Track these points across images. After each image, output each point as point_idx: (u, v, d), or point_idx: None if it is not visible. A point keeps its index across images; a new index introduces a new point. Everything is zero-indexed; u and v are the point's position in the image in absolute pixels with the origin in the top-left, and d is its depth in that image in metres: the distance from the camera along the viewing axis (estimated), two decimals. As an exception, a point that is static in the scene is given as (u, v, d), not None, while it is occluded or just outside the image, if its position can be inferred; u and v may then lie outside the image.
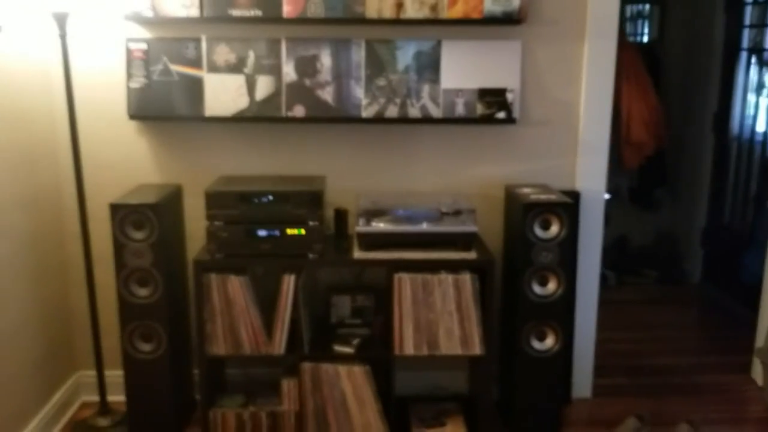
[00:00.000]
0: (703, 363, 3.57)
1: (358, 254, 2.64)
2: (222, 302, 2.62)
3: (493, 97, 2.82)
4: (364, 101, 2.79)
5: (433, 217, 2.68)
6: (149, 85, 2.74)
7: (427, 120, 2.82)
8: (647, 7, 5.14)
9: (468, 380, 3.12)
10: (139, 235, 2.56)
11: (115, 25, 2.75)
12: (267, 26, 2.76)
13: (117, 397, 2.89)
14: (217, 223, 2.58)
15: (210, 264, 2.61)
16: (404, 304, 2.63)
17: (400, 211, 2.71)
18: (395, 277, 2.61)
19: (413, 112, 2.80)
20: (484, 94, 2.81)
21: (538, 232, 2.63)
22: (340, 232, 2.84)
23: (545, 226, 2.64)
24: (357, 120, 2.81)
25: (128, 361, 2.67)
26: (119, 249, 2.56)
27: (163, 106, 2.75)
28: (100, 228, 2.83)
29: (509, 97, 2.81)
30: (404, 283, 2.61)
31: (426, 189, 2.97)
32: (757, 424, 3.00)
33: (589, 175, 2.97)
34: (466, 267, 2.63)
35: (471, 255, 2.64)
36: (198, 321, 2.64)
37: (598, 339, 3.15)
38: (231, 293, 2.61)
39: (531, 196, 2.69)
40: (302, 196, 2.59)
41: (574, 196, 2.90)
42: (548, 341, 2.73)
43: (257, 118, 2.79)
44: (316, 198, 2.60)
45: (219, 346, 2.65)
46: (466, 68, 2.80)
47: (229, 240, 2.59)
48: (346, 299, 2.90)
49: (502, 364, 2.97)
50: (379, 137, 2.92)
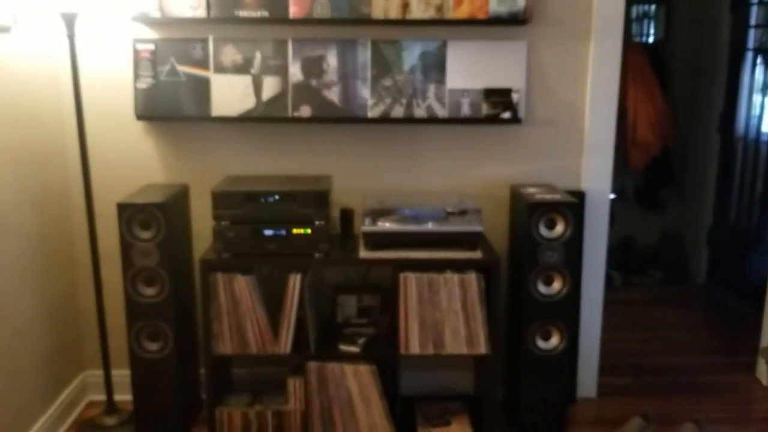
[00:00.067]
0: (708, 363, 3.57)
1: (364, 254, 2.65)
2: (228, 301, 2.63)
3: (499, 97, 2.82)
4: (370, 101, 2.79)
5: (439, 217, 2.69)
6: (156, 85, 2.75)
7: (432, 120, 2.82)
8: (653, 7, 5.13)
9: (473, 379, 3.13)
10: (146, 234, 2.57)
11: (123, 26, 2.77)
12: (273, 27, 2.77)
13: (124, 397, 2.90)
14: (224, 222, 2.59)
15: (216, 263, 2.62)
16: (410, 303, 2.63)
17: (405, 210, 2.72)
18: (401, 277, 2.62)
19: (419, 112, 2.81)
20: (489, 94, 2.82)
21: (544, 231, 2.64)
22: (346, 231, 2.85)
23: (550, 225, 2.64)
24: (363, 120, 2.82)
25: (135, 361, 2.68)
26: (126, 248, 2.57)
27: (170, 107, 2.77)
28: (107, 227, 2.86)
29: (515, 97, 2.82)
30: (410, 283, 2.62)
31: (432, 189, 2.98)
32: (762, 423, 3.00)
33: (595, 175, 2.97)
34: (472, 266, 2.64)
35: (476, 254, 2.65)
36: (204, 320, 2.65)
37: (604, 339, 3.15)
38: (237, 292, 2.63)
39: (536, 195, 2.69)
40: (308, 196, 2.60)
41: (580, 196, 2.90)
42: (553, 340, 2.73)
43: (264, 118, 2.80)
44: (322, 197, 2.61)
45: (225, 346, 2.66)
46: (471, 68, 2.81)
47: (235, 239, 2.60)
48: (352, 299, 2.91)
49: (508, 364, 2.98)
50: (385, 137, 2.93)
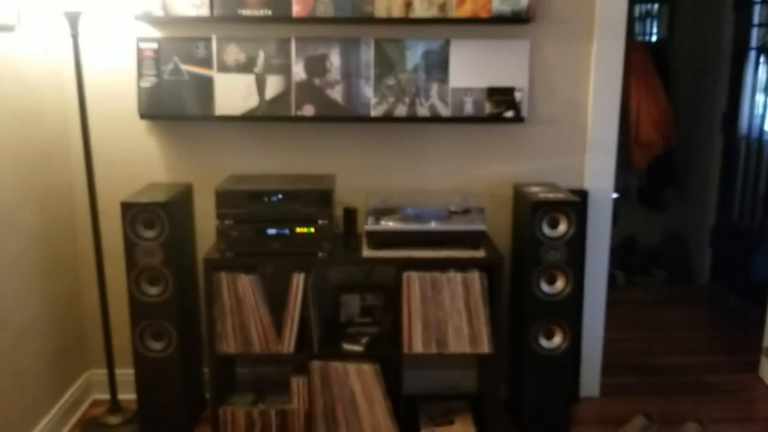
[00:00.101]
0: (711, 362, 3.56)
1: (367, 253, 2.65)
2: (232, 301, 2.63)
3: (502, 96, 2.82)
4: (373, 100, 2.80)
5: (442, 216, 2.69)
6: (160, 84, 2.76)
7: (435, 119, 2.83)
8: (656, 6, 5.13)
9: (476, 379, 3.13)
10: (149, 233, 2.58)
11: (126, 25, 2.78)
12: (277, 26, 2.77)
13: (128, 396, 2.91)
14: (227, 221, 2.60)
15: (220, 262, 2.62)
16: (413, 302, 2.63)
17: (409, 209, 2.72)
18: (404, 276, 2.62)
19: (422, 111, 2.81)
20: (492, 93, 2.82)
21: (546, 230, 2.64)
22: (349, 230, 2.85)
23: (553, 224, 2.64)
24: (366, 119, 2.82)
25: (139, 360, 2.68)
26: (130, 247, 2.58)
27: (173, 106, 2.77)
28: (110, 226, 2.86)
29: (517, 96, 2.82)
30: (413, 282, 2.62)
31: (435, 188, 2.98)
32: (766, 423, 2.99)
33: (598, 173, 2.97)
34: (475, 265, 2.64)
35: (479, 253, 2.65)
36: (208, 319, 2.65)
37: (607, 338, 3.15)
38: (241, 292, 2.63)
39: (539, 194, 2.69)
40: (312, 195, 2.60)
41: (582, 195, 2.90)
42: (556, 339, 2.73)
43: (267, 117, 2.80)
44: (325, 197, 2.61)
45: (229, 345, 2.67)
46: (474, 67, 2.81)
47: (239, 238, 2.60)
48: (355, 298, 2.91)
49: (511, 363, 2.98)
50: (388, 136, 2.94)
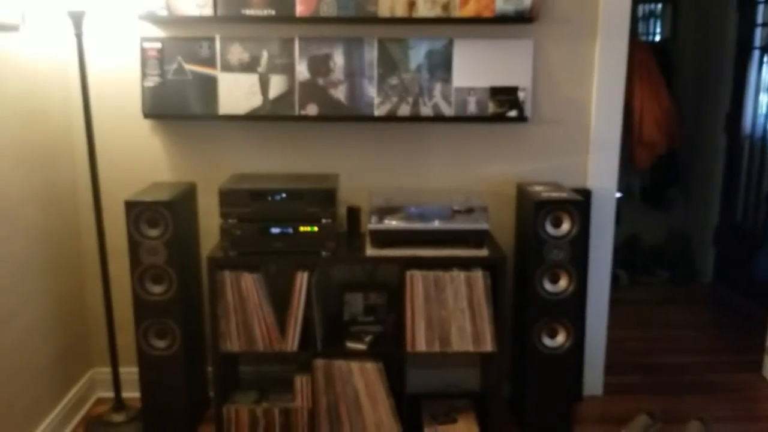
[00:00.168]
0: (714, 361, 3.56)
1: (370, 251, 2.65)
2: (236, 299, 2.64)
3: (505, 96, 2.82)
4: (377, 100, 2.80)
5: (445, 215, 2.69)
6: (164, 83, 2.77)
7: (439, 118, 2.83)
8: (659, 6, 5.13)
9: (480, 377, 3.13)
10: (153, 232, 2.58)
11: (130, 24, 2.79)
12: (280, 25, 2.78)
13: (132, 394, 2.91)
14: (231, 220, 2.60)
15: (224, 261, 2.63)
16: (416, 301, 2.64)
17: (412, 208, 2.72)
18: (407, 275, 2.62)
19: (425, 111, 2.81)
20: (495, 92, 2.82)
21: (550, 229, 2.64)
22: (353, 230, 2.85)
23: (556, 223, 2.65)
24: (369, 119, 2.82)
25: (143, 358, 2.69)
26: (134, 246, 2.58)
27: (177, 105, 2.78)
28: (114, 225, 2.86)
29: (521, 95, 2.82)
30: (416, 281, 2.62)
31: (438, 187, 2.98)
32: (770, 422, 3.00)
33: (601, 173, 2.97)
34: (478, 264, 2.65)
35: (483, 252, 2.65)
36: (212, 318, 2.66)
37: (610, 337, 3.15)
38: (244, 290, 2.63)
39: (542, 193, 2.69)
40: (315, 194, 2.61)
41: (586, 194, 2.90)
42: (559, 338, 2.74)
43: (270, 117, 2.81)
44: (329, 196, 2.61)
45: (232, 343, 2.67)
46: (477, 67, 2.81)
47: (242, 237, 2.61)
48: (359, 297, 2.91)
49: (514, 361, 2.98)
50: (392, 136, 2.94)
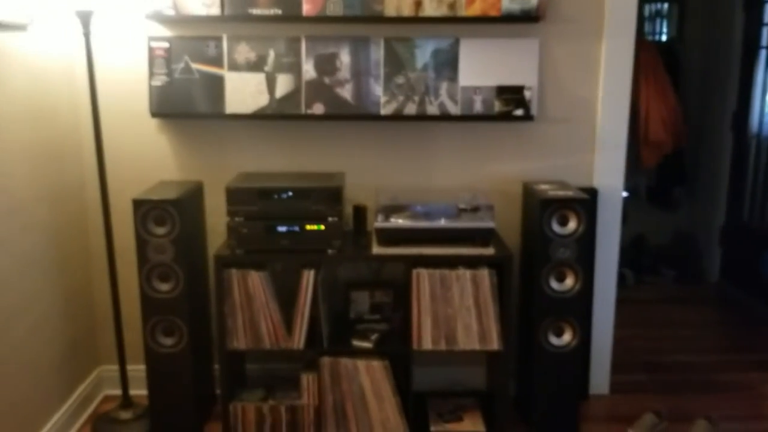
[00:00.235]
0: (721, 360, 3.55)
1: (376, 250, 2.65)
2: (242, 297, 2.65)
3: (511, 95, 2.83)
4: (383, 99, 2.81)
5: (451, 213, 2.70)
6: (171, 83, 2.78)
7: (445, 117, 2.83)
8: (666, 6, 5.12)
9: (486, 376, 3.14)
10: (160, 230, 2.60)
11: (138, 24, 2.80)
12: (287, 25, 2.79)
13: (139, 391, 2.93)
14: (238, 218, 2.61)
15: (230, 259, 2.64)
16: (422, 299, 2.64)
17: (418, 207, 2.73)
18: (413, 273, 2.63)
19: (431, 110, 2.82)
20: (502, 91, 2.82)
21: (556, 228, 2.64)
22: (359, 228, 2.86)
23: (563, 222, 2.65)
24: (376, 117, 2.83)
25: (150, 355, 2.70)
26: (141, 244, 2.60)
27: (184, 104, 2.79)
28: (122, 223, 2.88)
29: (527, 94, 2.83)
30: (422, 279, 2.63)
31: (444, 185, 2.99)
32: (776, 421, 3.00)
33: (607, 172, 2.97)
34: (484, 262, 2.65)
35: (489, 250, 2.65)
36: (218, 316, 2.67)
37: (616, 336, 3.15)
38: (251, 288, 2.64)
39: (548, 192, 2.69)
40: (322, 192, 2.62)
41: (592, 193, 2.90)
42: (566, 337, 2.74)
43: (277, 116, 2.82)
44: (335, 194, 2.62)
45: (239, 341, 2.68)
46: (484, 66, 2.81)
47: (249, 235, 2.62)
48: (365, 295, 2.92)
49: (520, 360, 2.98)
50: (398, 134, 2.95)
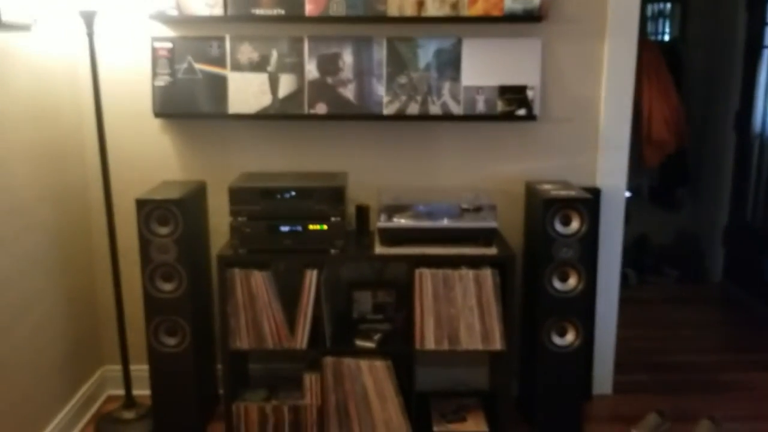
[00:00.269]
0: (724, 360, 3.55)
1: (379, 249, 2.65)
2: (245, 297, 2.65)
3: (514, 95, 2.83)
4: (386, 99, 2.81)
5: (454, 213, 2.70)
6: (174, 83, 2.78)
7: (447, 117, 2.83)
8: (668, 6, 5.12)
9: (488, 376, 3.14)
10: (164, 230, 2.60)
11: (141, 24, 2.80)
12: (289, 25, 2.79)
13: (142, 391, 2.93)
14: (241, 218, 2.61)
15: (233, 259, 2.64)
16: (425, 299, 2.64)
17: (421, 207, 2.73)
18: (416, 273, 2.62)
19: (434, 110, 2.82)
20: (504, 91, 2.82)
21: (559, 227, 2.64)
22: (362, 228, 2.86)
23: (566, 221, 2.65)
24: (378, 117, 2.83)
25: (153, 355, 2.70)
26: (144, 244, 2.60)
27: (187, 104, 2.79)
28: (125, 223, 2.88)
29: (530, 94, 2.82)
30: (425, 279, 2.63)
31: (447, 185, 2.99)
32: (780, 421, 2.99)
33: (610, 172, 2.97)
34: (487, 262, 2.65)
35: (491, 250, 2.65)
36: (221, 315, 2.67)
37: (619, 336, 3.15)
38: (254, 288, 2.64)
39: (551, 191, 2.69)
40: (324, 192, 2.62)
41: (595, 192, 2.90)
42: (569, 337, 2.73)
43: (280, 116, 2.82)
44: (338, 194, 2.62)
45: (242, 341, 2.68)
46: (486, 66, 2.81)
47: (252, 235, 2.62)
48: (368, 295, 2.91)
49: (523, 360, 2.98)
50: (401, 134, 2.95)
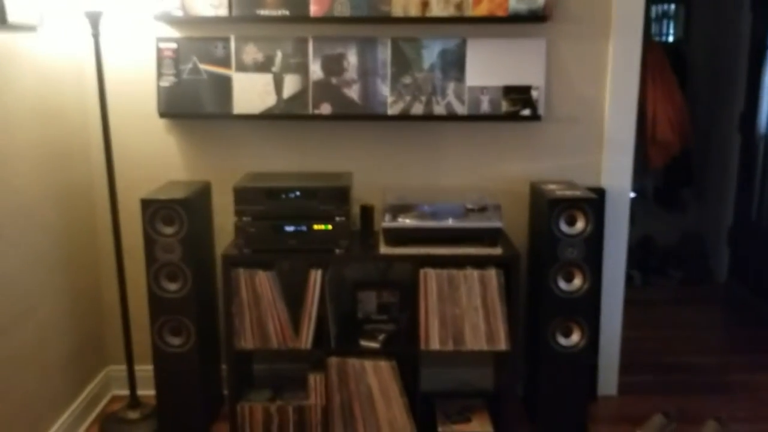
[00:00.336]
0: (730, 361, 3.54)
1: (384, 249, 2.65)
2: (250, 297, 2.65)
3: (518, 95, 2.83)
4: (390, 99, 2.81)
5: (459, 213, 2.70)
6: (179, 83, 2.79)
7: (452, 117, 2.83)
8: (672, 7, 5.12)
9: (493, 376, 3.13)
10: (168, 230, 2.60)
11: (146, 25, 2.81)
12: (294, 25, 2.80)
13: (147, 391, 2.93)
14: (245, 218, 2.62)
15: (238, 259, 2.64)
16: (430, 299, 2.64)
17: (425, 207, 2.73)
18: (421, 273, 2.62)
19: (438, 110, 2.82)
20: (509, 91, 2.82)
21: (564, 227, 2.64)
22: (366, 228, 2.86)
23: (571, 221, 2.64)
24: (383, 117, 2.83)
25: (158, 355, 2.71)
26: (149, 244, 2.60)
27: (192, 104, 2.80)
28: (130, 223, 2.89)
29: (534, 94, 2.82)
30: (430, 279, 2.63)
31: (451, 185, 2.99)
32: (786, 422, 2.98)
33: (615, 172, 2.97)
34: (492, 262, 2.65)
35: (496, 250, 2.65)
36: (226, 315, 2.67)
37: (624, 337, 3.14)
38: (259, 288, 2.65)
39: (556, 191, 2.69)
40: (329, 192, 2.62)
41: (600, 193, 2.90)
42: (574, 337, 2.73)
43: (285, 116, 2.82)
44: (342, 194, 2.62)
45: (246, 341, 2.68)
46: (491, 66, 2.81)
47: (256, 235, 2.62)
48: (372, 295, 2.91)
49: (528, 360, 2.98)
50: (405, 134, 2.95)
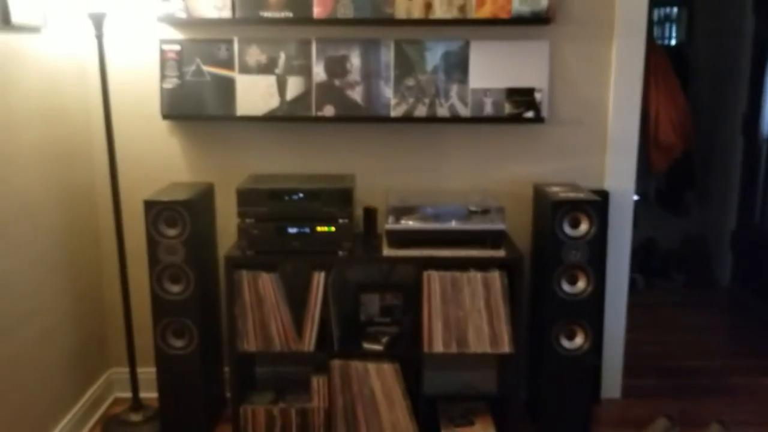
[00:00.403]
0: (733, 365, 3.53)
1: (387, 252, 2.65)
2: (253, 299, 2.65)
3: (521, 97, 2.82)
4: (393, 101, 2.81)
5: (462, 215, 2.69)
6: (182, 85, 2.79)
7: (455, 119, 2.83)
8: (675, 10, 5.12)
9: (497, 379, 3.12)
10: (171, 231, 2.60)
11: (150, 27, 2.81)
12: (297, 27, 2.80)
13: (149, 394, 2.93)
14: (248, 220, 2.61)
15: (241, 261, 2.64)
16: (433, 301, 2.64)
17: (429, 209, 2.73)
18: (424, 275, 2.62)
19: (441, 112, 2.81)
20: (512, 93, 2.82)
21: (567, 230, 2.63)
22: (369, 230, 2.85)
23: (574, 224, 2.64)
24: (386, 119, 2.83)
25: (160, 357, 2.70)
26: (152, 245, 2.60)
27: (195, 106, 2.80)
28: (133, 225, 2.88)
29: (537, 96, 2.82)
30: (433, 281, 2.62)
31: (454, 187, 2.98)
32: (790, 426, 2.97)
33: (618, 174, 2.96)
34: (495, 265, 2.64)
35: (500, 253, 2.64)
36: (229, 317, 2.67)
37: (627, 340, 3.13)
38: (262, 290, 2.64)
39: (560, 194, 2.68)
40: (332, 194, 2.62)
41: (603, 195, 2.89)
42: (578, 340, 2.72)
43: (288, 118, 2.82)
44: (346, 196, 2.62)
45: (249, 343, 2.68)
46: (494, 68, 2.81)
47: (260, 237, 2.62)
48: (375, 297, 2.91)
49: (531, 363, 2.97)
50: (408, 136, 2.94)
